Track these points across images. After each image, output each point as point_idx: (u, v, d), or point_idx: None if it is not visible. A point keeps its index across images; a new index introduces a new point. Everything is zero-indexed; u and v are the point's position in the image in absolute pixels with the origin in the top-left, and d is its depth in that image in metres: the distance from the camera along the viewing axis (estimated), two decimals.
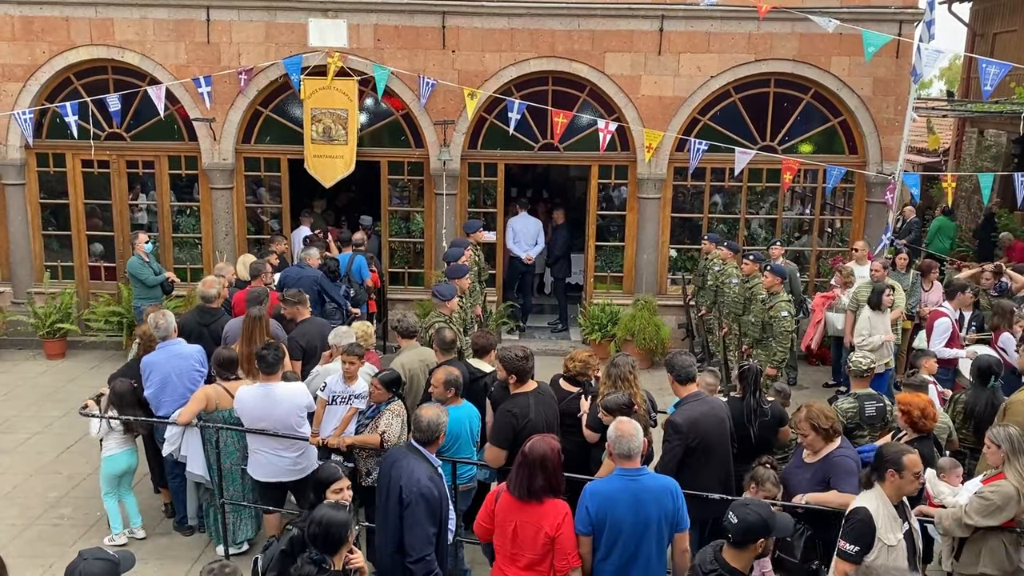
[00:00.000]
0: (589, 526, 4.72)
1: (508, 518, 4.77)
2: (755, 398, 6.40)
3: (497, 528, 4.84)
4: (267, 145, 12.40)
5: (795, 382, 11.04)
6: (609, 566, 4.71)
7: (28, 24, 11.80)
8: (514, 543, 4.75)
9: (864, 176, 12.17)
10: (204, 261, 12.48)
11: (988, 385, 6.93)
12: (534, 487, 4.69)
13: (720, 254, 10.99)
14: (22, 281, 12.51)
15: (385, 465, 5.33)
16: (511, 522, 4.75)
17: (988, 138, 18.25)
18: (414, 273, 12.86)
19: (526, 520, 4.72)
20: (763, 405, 6.40)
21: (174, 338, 7.30)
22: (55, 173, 12.42)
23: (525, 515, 4.72)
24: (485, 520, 4.93)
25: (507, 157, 12.48)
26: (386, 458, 5.43)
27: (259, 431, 6.57)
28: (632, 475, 4.76)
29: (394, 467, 5.16)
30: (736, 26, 11.66)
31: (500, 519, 4.82)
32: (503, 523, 4.80)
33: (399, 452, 5.32)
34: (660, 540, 4.74)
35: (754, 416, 6.35)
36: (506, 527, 4.77)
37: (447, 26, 11.78)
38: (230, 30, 11.81)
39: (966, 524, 5.33)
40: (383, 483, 5.24)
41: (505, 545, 4.80)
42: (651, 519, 4.68)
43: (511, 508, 4.77)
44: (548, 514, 4.71)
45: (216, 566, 4.13)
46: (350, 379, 6.60)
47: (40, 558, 6.86)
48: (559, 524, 4.69)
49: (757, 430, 6.32)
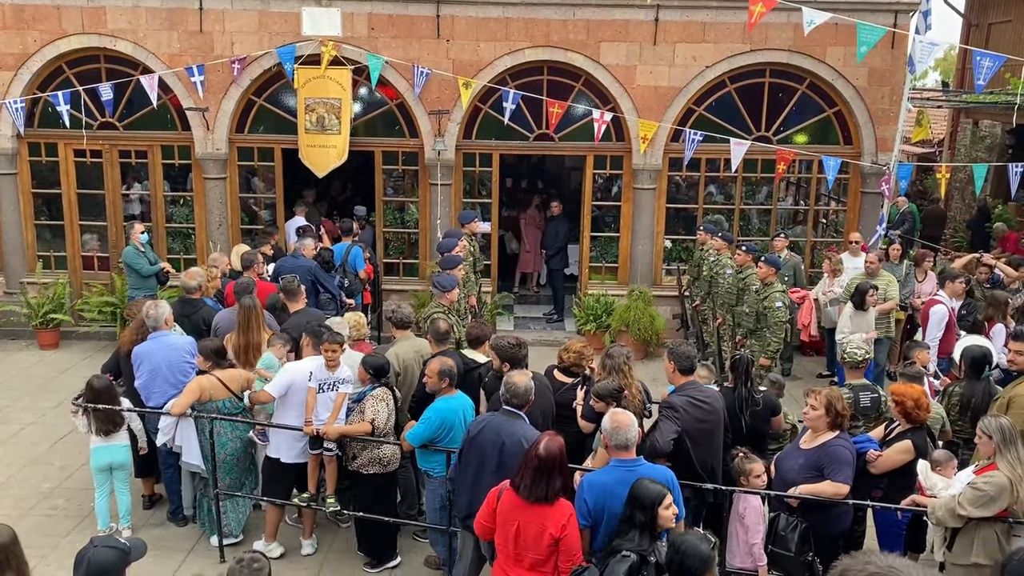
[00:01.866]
0: (588, 518, 4.73)
1: (511, 518, 4.66)
2: (746, 388, 6.42)
3: (499, 528, 4.74)
4: (261, 135, 12.34)
5: (790, 373, 11.06)
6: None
7: (19, 12, 11.70)
8: (516, 543, 4.65)
9: (859, 167, 12.17)
10: (198, 251, 12.44)
11: (982, 376, 6.95)
12: (553, 489, 4.58)
13: (715, 245, 10.99)
14: (15, 271, 12.46)
15: (488, 430, 5.39)
16: (514, 522, 4.64)
17: (983, 129, 18.26)
18: (409, 264, 12.84)
19: (530, 520, 4.61)
20: (754, 395, 6.42)
21: (165, 329, 7.27)
22: (47, 163, 12.36)
23: (530, 515, 4.61)
24: (487, 519, 4.81)
25: (502, 147, 12.44)
26: (487, 423, 5.48)
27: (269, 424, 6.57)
28: (629, 466, 4.77)
29: (501, 431, 5.30)
30: (732, 16, 11.63)
31: (503, 519, 4.70)
32: (505, 523, 4.69)
33: (499, 418, 5.43)
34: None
35: (745, 406, 6.37)
36: (508, 527, 4.67)
37: (441, 15, 11.72)
38: (223, 19, 11.73)
39: (959, 515, 5.34)
40: (480, 445, 5.36)
41: (507, 545, 4.70)
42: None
43: (516, 508, 4.64)
44: (553, 515, 4.59)
45: (247, 558, 4.06)
46: (332, 366, 6.60)
47: (33, 548, 6.84)
48: (564, 525, 4.59)
49: (749, 420, 6.33)
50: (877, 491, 5.98)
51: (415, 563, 6.96)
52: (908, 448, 5.92)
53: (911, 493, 5.87)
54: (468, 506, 5.41)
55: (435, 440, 6.15)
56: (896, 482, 5.95)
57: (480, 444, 5.39)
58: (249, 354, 7.31)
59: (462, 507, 5.60)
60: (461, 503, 5.62)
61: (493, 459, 5.29)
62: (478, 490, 5.21)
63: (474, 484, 5.36)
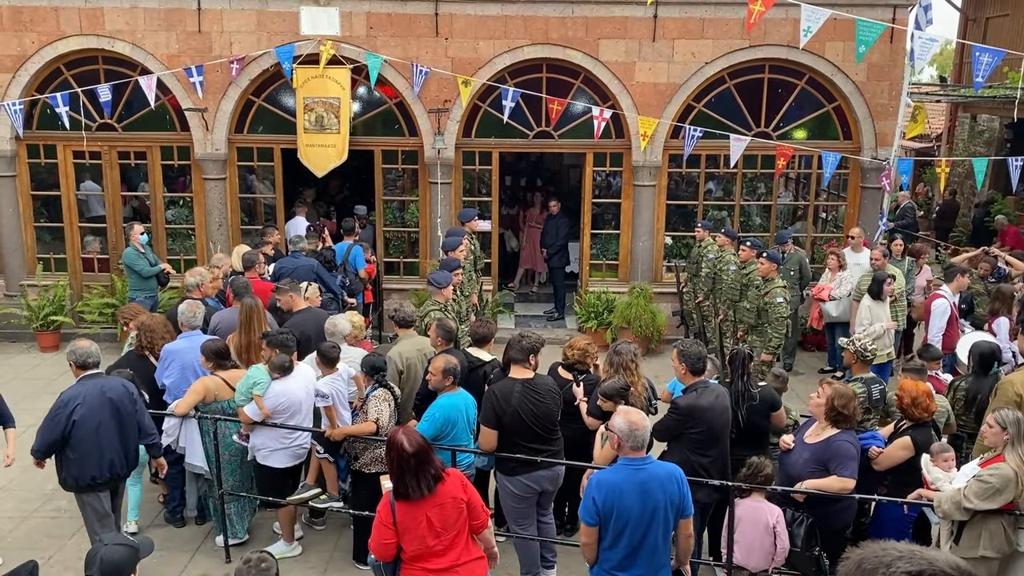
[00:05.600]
0: (596, 516, 4.69)
1: (416, 518, 4.59)
2: (743, 382, 6.37)
3: (407, 535, 4.61)
4: (260, 135, 12.32)
5: (791, 368, 11.06)
6: (616, 554, 4.71)
7: (17, 14, 11.67)
8: (433, 533, 4.60)
9: (858, 162, 12.17)
10: (198, 252, 12.42)
11: (990, 372, 6.93)
12: (435, 470, 4.62)
13: (718, 241, 10.98)
14: (15, 273, 12.43)
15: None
16: (421, 518, 4.59)
17: (981, 123, 18.27)
18: (409, 262, 12.83)
19: (436, 503, 4.60)
20: (751, 389, 6.37)
21: (197, 330, 7.32)
22: (46, 164, 12.33)
23: (432, 502, 4.60)
24: (388, 537, 4.63)
25: (501, 145, 12.43)
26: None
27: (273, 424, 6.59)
28: (637, 464, 4.72)
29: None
30: (731, 12, 11.62)
31: (406, 524, 4.60)
32: (413, 526, 4.60)
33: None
34: (666, 527, 4.74)
35: (742, 400, 6.32)
36: (418, 526, 4.60)
37: (440, 13, 11.71)
38: (221, 19, 11.71)
39: (965, 508, 5.34)
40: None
41: (423, 542, 4.61)
42: (658, 507, 4.66)
43: (415, 508, 4.59)
44: (450, 484, 4.68)
45: (254, 558, 4.07)
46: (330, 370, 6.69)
47: (38, 551, 6.83)
48: (463, 485, 4.75)
49: (745, 414, 6.29)
50: (882, 488, 5.98)
51: None
52: (907, 444, 5.93)
53: (916, 487, 5.86)
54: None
55: (439, 438, 6.15)
56: (900, 479, 5.95)
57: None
58: (251, 353, 7.29)
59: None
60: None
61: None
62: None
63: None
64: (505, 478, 6.08)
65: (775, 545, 5.69)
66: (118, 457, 6.08)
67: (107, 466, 6.04)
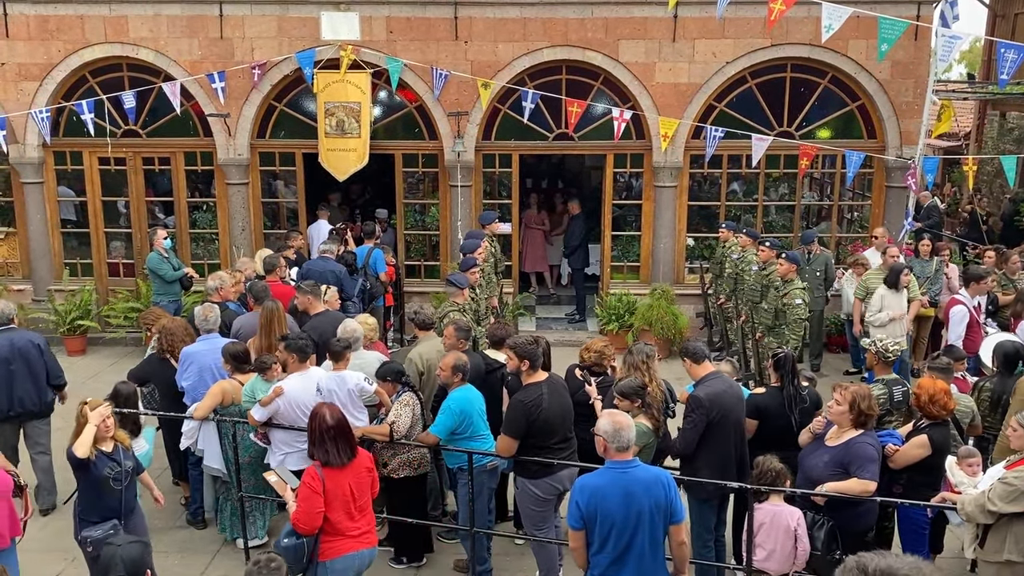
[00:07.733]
0: (580, 520, 4.63)
1: (340, 484, 5.16)
2: (793, 386, 6.30)
3: (334, 502, 5.13)
4: (281, 140, 12.42)
5: (819, 368, 10.95)
6: (604, 558, 4.64)
7: (43, 23, 11.87)
8: (354, 500, 5.20)
9: (883, 161, 12.02)
10: (221, 256, 12.54)
11: (1015, 372, 6.81)
12: (354, 441, 5.29)
13: (740, 241, 10.90)
14: (42, 279, 12.62)
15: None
16: (345, 486, 5.17)
17: (1010, 120, 17.97)
18: (430, 265, 12.85)
19: (354, 471, 5.24)
20: (801, 392, 6.31)
21: (215, 332, 7.38)
22: (72, 171, 12.51)
23: (351, 471, 5.23)
24: (318, 504, 5.10)
25: (521, 147, 12.43)
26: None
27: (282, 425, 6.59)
28: (622, 467, 4.64)
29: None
30: (751, 11, 11.52)
31: (335, 493, 5.14)
32: (340, 494, 5.15)
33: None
34: (654, 531, 4.63)
35: (795, 403, 6.24)
36: (344, 493, 5.17)
37: (459, 17, 11.73)
38: (243, 25, 11.82)
39: (989, 510, 5.24)
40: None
41: (346, 507, 5.17)
42: (643, 511, 4.58)
43: (339, 475, 5.17)
44: (362, 456, 5.39)
45: (263, 559, 4.15)
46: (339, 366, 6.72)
47: (62, 552, 6.91)
48: (370, 457, 5.55)
49: (799, 417, 6.22)
50: (897, 486, 5.90)
51: (440, 563, 6.95)
52: (924, 443, 5.83)
53: (932, 489, 5.77)
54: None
55: (457, 430, 6.16)
56: (916, 478, 5.87)
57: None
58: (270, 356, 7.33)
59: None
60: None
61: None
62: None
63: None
64: (528, 482, 6.05)
65: (796, 548, 5.62)
66: (27, 395, 7.44)
67: (17, 401, 7.40)
